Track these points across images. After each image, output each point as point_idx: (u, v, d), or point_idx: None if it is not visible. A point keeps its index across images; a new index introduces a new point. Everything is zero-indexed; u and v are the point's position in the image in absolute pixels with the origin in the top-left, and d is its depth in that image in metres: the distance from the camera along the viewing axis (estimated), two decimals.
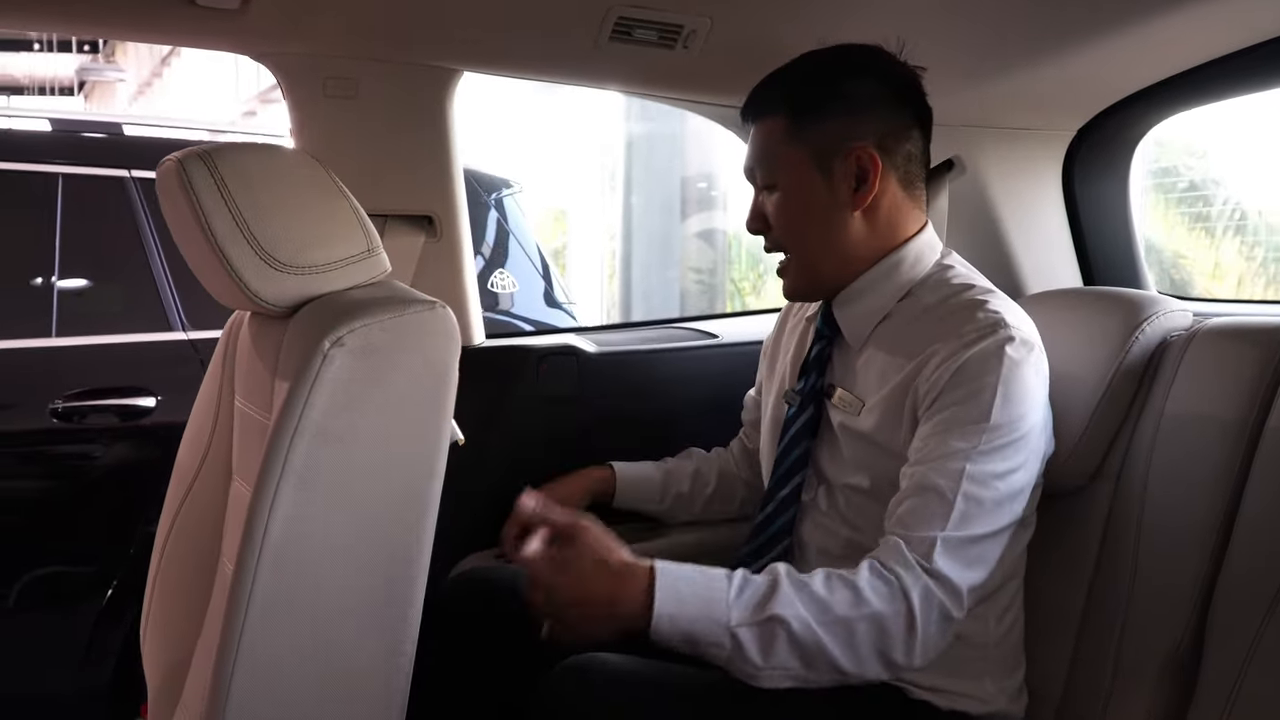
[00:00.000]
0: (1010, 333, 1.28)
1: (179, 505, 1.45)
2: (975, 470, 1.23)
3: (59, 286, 2.56)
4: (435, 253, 1.76)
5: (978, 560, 1.24)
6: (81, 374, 2.47)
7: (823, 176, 1.37)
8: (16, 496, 2.44)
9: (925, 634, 1.20)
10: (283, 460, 1.07)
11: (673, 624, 1.17)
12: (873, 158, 1.37)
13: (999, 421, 1.25)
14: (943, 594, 1.21)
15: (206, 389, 1.46)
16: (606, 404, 1.70)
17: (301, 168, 1.23)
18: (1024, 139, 1.91)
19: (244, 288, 1.16)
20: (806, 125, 1.37)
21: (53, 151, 2.71)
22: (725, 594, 1.18)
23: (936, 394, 1.28)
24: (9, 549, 2.39)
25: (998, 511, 1.25)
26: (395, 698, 1.15)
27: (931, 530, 1.22)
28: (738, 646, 1.18)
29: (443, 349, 1.14)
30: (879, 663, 1.21)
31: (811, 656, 1.19)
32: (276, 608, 1.07)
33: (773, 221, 1.41)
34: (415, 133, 1.73)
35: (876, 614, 1.19)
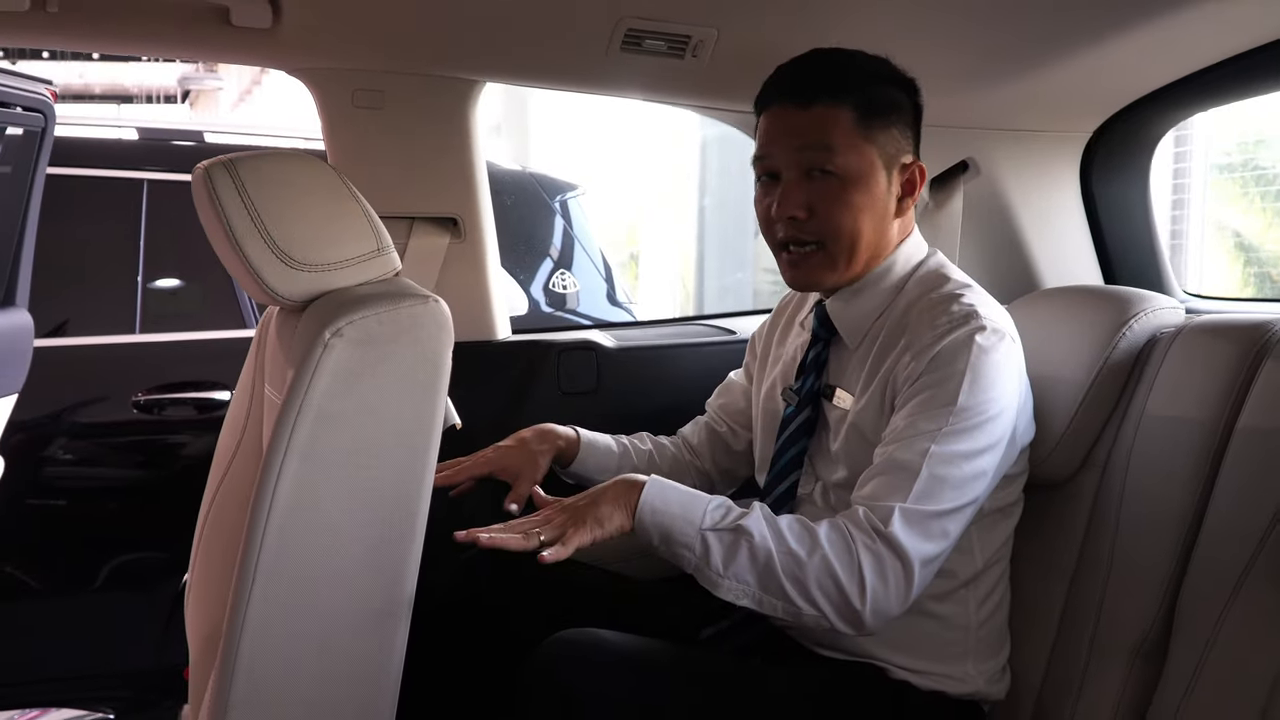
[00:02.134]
0: (981, 323, 1.33)
1: (218, 485, 1.57)
2: (940, 450, 1.29)
3: (143, 286, 2.74)
4: (460, 253, 1.87)
5: (936, 534, 1.29)
6: (162, 369, 2.62)
7: (886, 179, 1.41)
8: (102, 485, 2.60)
9: (875, 597, 1.26)
10: (287, 439, 1.17)
11: (653, 516, 1.28)
12: (922, 171, 1.44)
13: (966, 405, 1.30)
14: (894, 564, 1.26)
15: (243, 379, 1.58)
16: (624, 398, 1.78)
17: (317, 173, 1.33)
18: (1039, 140, 1.94)
19: (262, 283, 1.26)
20: (874, 125, 1.39)
21: (139, 158, 2.88)
22: (703, 504, 1.29)
23: (911, 382, 1.34)
24: (96, 534, 2.56)
25: (959, 490, 1.29)
26: (392, 656, 1.24)
27: (892, 501, 1.28)
28: (706, 550, 1.26)
29: (436, 340, 1.23)
30: (829, 607, 1.26)
31: (765, 578, 1.26)
32: (281, 573, 1.17)
33: (821, 211, 1.39)
34: (440, 140, 1.83)
35: (827, 560, 1.25)
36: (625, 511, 1.29)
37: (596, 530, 1.28)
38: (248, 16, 1.52)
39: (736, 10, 1.63)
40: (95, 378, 2.62)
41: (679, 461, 1.72)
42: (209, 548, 1.58)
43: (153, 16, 1.56)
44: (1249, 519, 1.26)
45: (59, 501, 2.56)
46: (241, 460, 1.54)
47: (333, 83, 1.77)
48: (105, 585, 2.56)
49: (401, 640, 1.24)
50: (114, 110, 10.27)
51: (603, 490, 1.31)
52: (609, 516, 1.29)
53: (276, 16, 1.55)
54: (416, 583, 1.24)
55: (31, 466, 2.47)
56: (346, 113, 1.78)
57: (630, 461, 1.67)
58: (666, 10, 1.61)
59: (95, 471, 2.61)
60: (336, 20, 1.63)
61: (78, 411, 2.56)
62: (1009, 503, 1.46)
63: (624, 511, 1.29)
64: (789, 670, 1.42)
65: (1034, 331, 1.57)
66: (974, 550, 1.42)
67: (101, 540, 2.58)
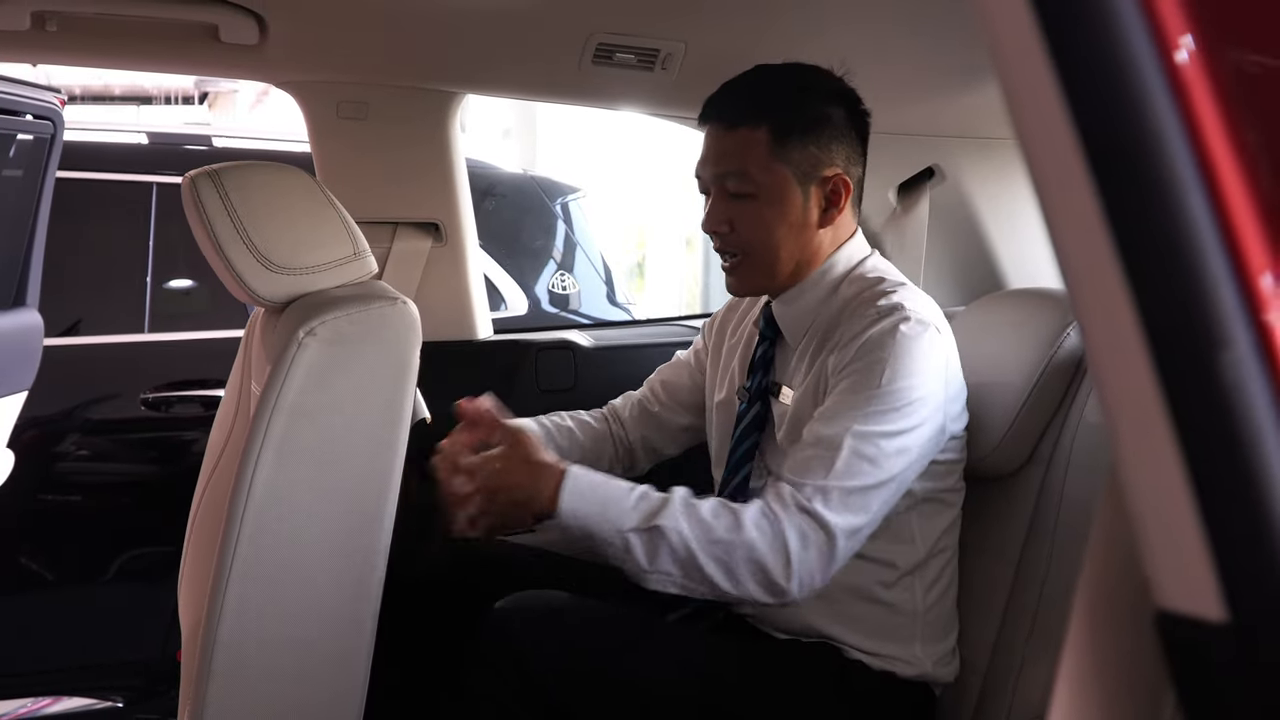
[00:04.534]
0: (906, 314, 1.40)
1: (208, 478, 1.66)
2: (861, 429, 1.36)
3: (152, 287, 2.81)
4: (442, 256, 1.95)
5: (857, 508, 1.35)
6: (170, 367, 2.69)
7: (802, 195, 1.49)
8: (112, 480, 2.66)
9: (801, 568, 1.32)
10: (263, 433, 1.25)
11: (575, 519, 1.33)
12: (845, 183, 1.50)
13: (889, 389, 1.37)
14: (817, 536, 1.33)
15: (233, 376, 1.67)
16: (601, 395, 1.84)
17: (297, 183, 1.42)
18: (1004, 147, 2.00)
19: (244, 285, 1.35)
20: (790, 145, 1.46)
21: (149, 163, 2.96)
22: (625, 502, 1.33)
23: (839, 370, 1.41)
24: (106, 528, 2.62)
25: (879, 466, 1.36)
26: (363, 637, 1.32)
27: (815, 479, 1.34)
28: (627, 548, 1.32)
29: (404, 339, 1.31)
30: (756, 588, 1.33)
31: (689, 570, 1.32)
32: (257, 559, 1.26)
33: (739, 227, 1.49)
34: (421, 149, 1.92)
35: (752, 543, 1.31)
36: (544, 506, 1.33)
37: (509, 524, 1.35)
38: (236, 34, 1.61)
39: (703, 24, 1.70)
40: (105, 376, 2.67)
41: (600, 436, 1.78)
42: (199, 539, 1.66)
43: (146, 35, 1.65)
44: None
45: (70, 496, 2.62)
46: (230, 455, 1.63)
47: (318, 95, 1.86)
48: (115, 577, 2.62)
49: (371, 621, 1.32)
50: (133, 111, 10.38)
51: (524, 483, 1.34)
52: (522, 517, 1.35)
53: (263, 33, 1.63)
54: (385, 568, 1.32)
55: (43, 462, 2.54)
56: (332, 123, 1.86)
57: (554, 441, 1.72)
58: (635, 25, 1.69)
59: (105, 467, 2.67)
60: (320, 37, 1.72)
61: (88, 409, 2.62)
62: (944, 488, 1.52)
63: (541, 506, 1.33)
64: (744, 642, 1.50)
65: (983, 332, 1.64)
66: (915, 539, 1.49)
67: (111, 534, 2.63)
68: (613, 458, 1.78)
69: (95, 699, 2.59)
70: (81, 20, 1.58)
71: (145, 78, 10.02)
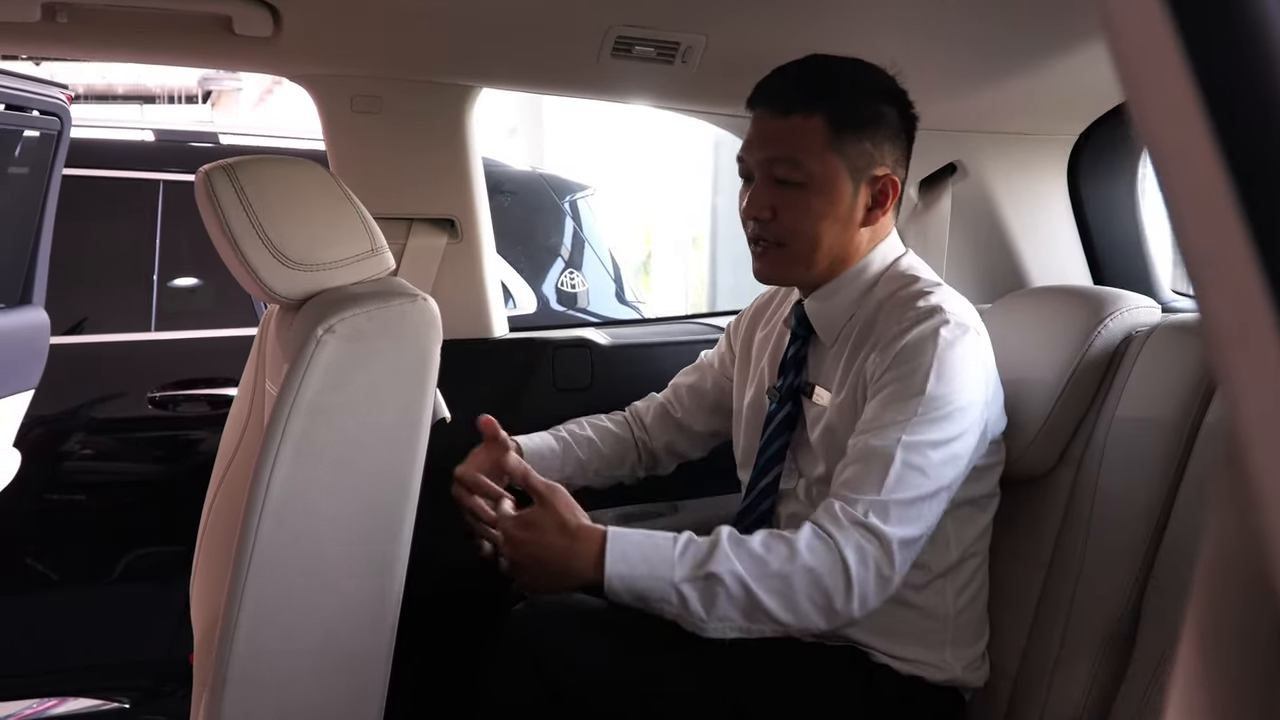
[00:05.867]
0: (945, 317, 1.38)
1: (221, 478, 1.63)
2: (910, 439, 1.33)
3: (159, 285, 2.79)
4: (457, 253, 1.92)
5: (912, 519, 1.33)
6: (177, 366, 2.67)
7: (852, 190, 1.46)
8: (119, 480, 2.65)
9: (862, 588, 1.30)
10: (281, 432, 1.22)
11: (623, 583, 1.30)
12: (894, 184, 1.47)
13: (934, 395, 1.34)
14: (875, 549, 1.30)
15: (246, 375, 1.64)
16: (617, 394, 1.82)
17: (313, 177, 1.39)
18: (1026, 143, 1.98)
19: (260, 282, 1.32)
20: (846, 138, 1.43)
21: (155, 160, 2.94)
22: (670, 554, 1.30)
23: (879, 375, 1.38)
24: (113, 528, 2.60)
25: (932, 476, 1.34)
26: (383, 642, 1.29)
27: (868, 494, 1.32)
28: (683, 602, 1.29)
29: (424, 336, 1.28)
30: (818, 615, 1.31)
31: (750, 610, 1.30)
32: (275, 561, 1.23)
33: (782, 215, 1.46)
34: (437, 144, 1.89)
35: (811, 569, 1.29)
36: (590, 574, 1.31)
37: (552, 590, 1.34)
38: (249, 25, 1.58)
39: (724, 17, 1.68)
40: (112, 374, 2.66)
41: (621, 442, 1.76)
42: (212, 540, 1.63)
43: (159, 27, 1.62)
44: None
45: (76, 495, 2.61)
46: (244, 454, 1.60)
47: (332, 89, 1.83)
48: (122, 577, 2.60)
49: (392, 623, 1.29)
50: (137, 110, 10.36)
51: (563, 554, 1.33)
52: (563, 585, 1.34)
53: (277, 25, 1.60)
54: (405, 570, 1.29)
55: (49, 461, 2.52)
56: (346, 117, 1.83)
57: (573, 454, 1.70)
58: (655, 17, 1.66)
59: (112, 466, 2.66)
60: (335, 29, 1.69)
61: (95, 407, 2.60)
62: (983, 494, 1.49)
63: (589, 573, 1.31)
64: (767, 645, 1.47)
65: (1013, 330, 1.61)
66: (949, 543, 1.46)
67: (119, 533, 2.61)
68: (635, 463, 1.77)
69: (102, 700, 2.58)
70: (92, 12, 1.55)
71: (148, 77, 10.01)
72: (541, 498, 1.37)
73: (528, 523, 1.35)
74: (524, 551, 1.33)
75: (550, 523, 1.34)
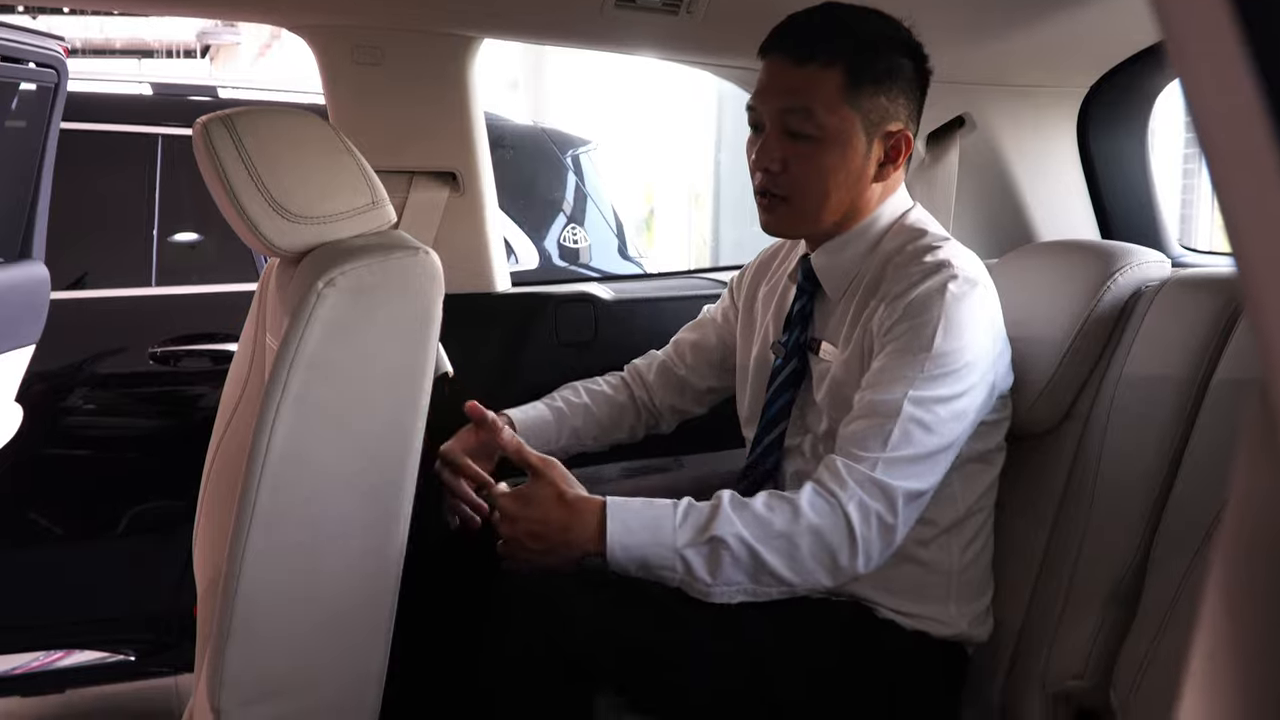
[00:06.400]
0: (954, 272, 1.36)
1: (222, 433, 1.62)
2: (917, 394, 1.32)
3: (158, 240, 2.78)
4: (459, 206, 1.90)
5: (918, 474, 1.32)
6: (177, 321, 2.67)
7: (865, 145, 1.43)
8: (121, 435, 2.65)
9: (866, 544, 1.30)
10: (281, 387, 1.21)
11: (626, 553, 1.29)
12: (908, 140, 1.45)
13: (941, 351, 1.33)
14: (879, 505, 1.30)
15: (246, 329, 1.63)
16: (621, 349, 1.81)
17: (313, 129, 1.37)
18: (1036, 96, 1.95)
19: (259, 234, 1.30)
20: (863, 91, 1.40)
21: (154, 114, 2.91)
22: (671, 520, 1.29)
23: (886, 330, 1.37)
24: (116, 483, 2.61)
25: (938, 433, 1.33)
26: (385, 600, 1.29)
27: (873, 451, 1.31)
28: (688, 567, 1.29)
29: (426, 290, 1.27)
30: (823, 573, 1.31)
31: (756, 571, 1.29)
32: (276, 515, 1.22)
33: (793, 168, 1.42)
34: (438, 95, 1.86)
35: (815, 528, 1.28)
36: (591, 545, 1.31)
37: (550, 564, 1.33)
38: None
39: None
40: (113, 330, 2.65)
41: (618, 406, 1.74)
42: (214, 494, 1.63)
43: None
44: (1220, 470, 1.28)
45: (79, 451, 2.61)
46: (245, 409, 1.59)
47: (333, 39, 1.80)
48: (126, 532, 2.61)
49: (394, 581, 1.29)
50: (134, 64, 10.29)
51: (562, 527, 1.32)
52: (563, 559, 1.33)
53: None
54: (408, 526, 1.29)
55: (51, 417, 2.52)
56: (346, 69, 1.80)
57: (569, 423, 1.69)
58: None
59: (114, 421, 2.66)
60: None
61: (96, 363, 2.60)
62: (989, 449, 1.49)
63: (590, 544, 1.31)
64: (773, 601, 1.46)
65: (1021, 285, 1.59)
66: (956, 498, 1.45)
67: (121, 488, 2.62)
68: (634, 424, 1.75)
69: (107, 652, 2.59)
70: None
71: (146, 31, 9.94)
72: (537, 472, 1.36)
73: (525, 498, 1.34)
74: (522, 528, 1.32)
75: (548, 497, 1.33)
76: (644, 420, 1.75)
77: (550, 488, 1.34)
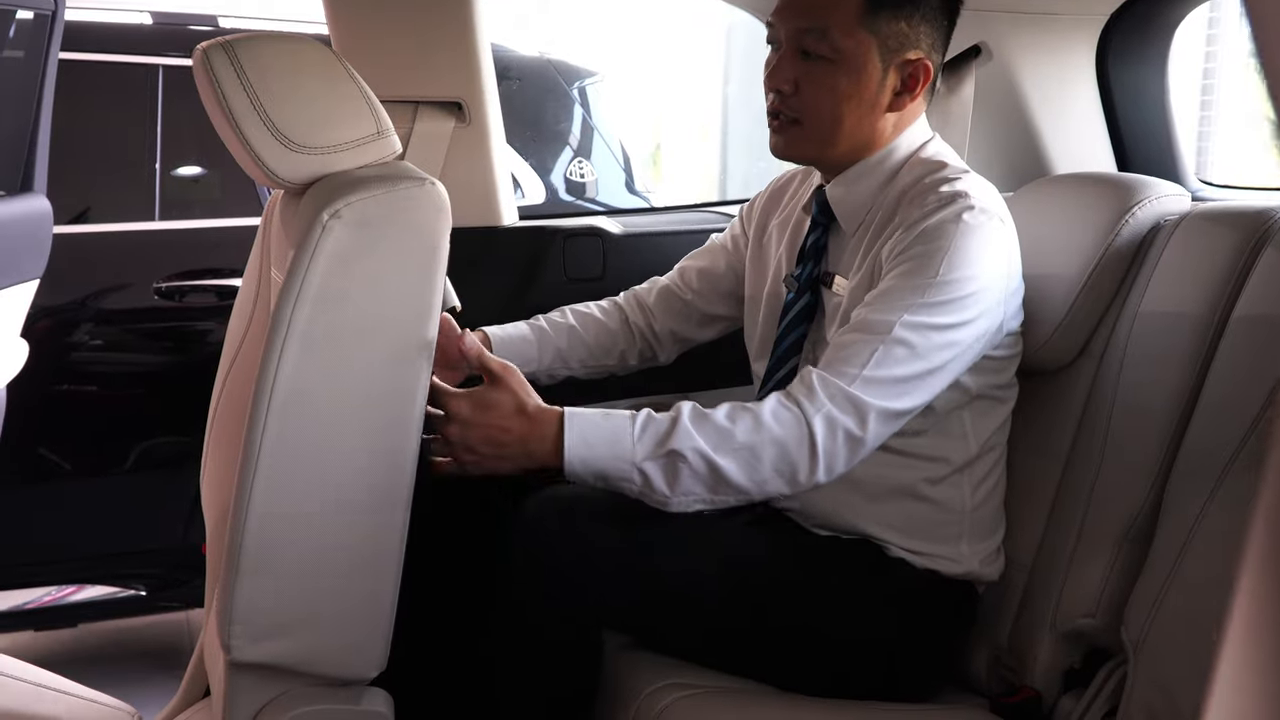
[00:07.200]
0: (970, 203, 1.33)
1: (228, 367, 1.60)
2: (912, 319, 1.29)
3: (161, 174, 2.74)
4: (465, 137, 1.86)
5: (897, 395, 1.30)
6: (181, 256, 2.65)
7: (881, 71, 1.40)
8: (128, 371, 2.65)
9: (829, 458, 1.28)
10: (288, 320, 1.19)
11: (584, 465, 1.27)
12: (927, 69, 1.41)
13: (945, 279, 1.30)
14: (848, 417, 1.27)
15: (250, 263, 1.60)
16: (630, 283, 1.77)
17: (316, 56, 1.33)
18: (1055, 24, 1.90)
19: (262, 165, 1.27)
20: (882, 15, 1.38)
21: (153, 44, 2.86)
22: (629, 434, 1.27)
23: (895, 255, 1.35)
24: (124, 418, 2.61)
25: (924, 358, 1.30)
26: (394, 534, 1.27)
27: (852, 367, 1.28)
28: (646, 480, 1.27)
29: (433, 222, 1.24)
30: (782, 483, 1.28)
31: (714, 484, 1.27)
32: (284, 450, 1.20)
33: (805, 89, 1.41)
34: (442, 21, 1.81)
35: (777, 440, 1.26)
36: (550, 458, 1.28)
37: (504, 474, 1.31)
38: None
39: None
40: (117, 265, 2.64)
41: (608, 331, 1.70)
42: (221, 430, 1.62)
43: None
44: (1238, 408, 1.27)
45: (85, 386, 2.61)
46: (251, 342, 1.57)
47: None
48: (134, 467, 2.62)
49: (403, 515, 1.27)
50: None
51: (518, 438, 1.29)
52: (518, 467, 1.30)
53: None
54: (416, 461, 1.27)
55: (57, 352, 2.52)
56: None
57: (551, 343, 1.65)
58: None
59: (120, 357, 2.65)
60: None
61: (101, 298, 2.59)
62: (1001, 385, 1.47)
63: (548, 457, 1.28)
64: (783, 539, 1.46)
65: (1037, 218, 1.56)
66: (968, 436, 1.44)
67: (128, 423, 2.63)
68: (626, 350, 1.71)
69: (118, 587, 2.61)
70: None
71: None
72: (495, 377, 1.32)
73: (482, 404, 1.30)
74: (477, 433, 1.29)
75: (506, 403, 1.30)
76: (638, 347, 1.71)
77: (509, 394, 1.30)
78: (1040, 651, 1.44)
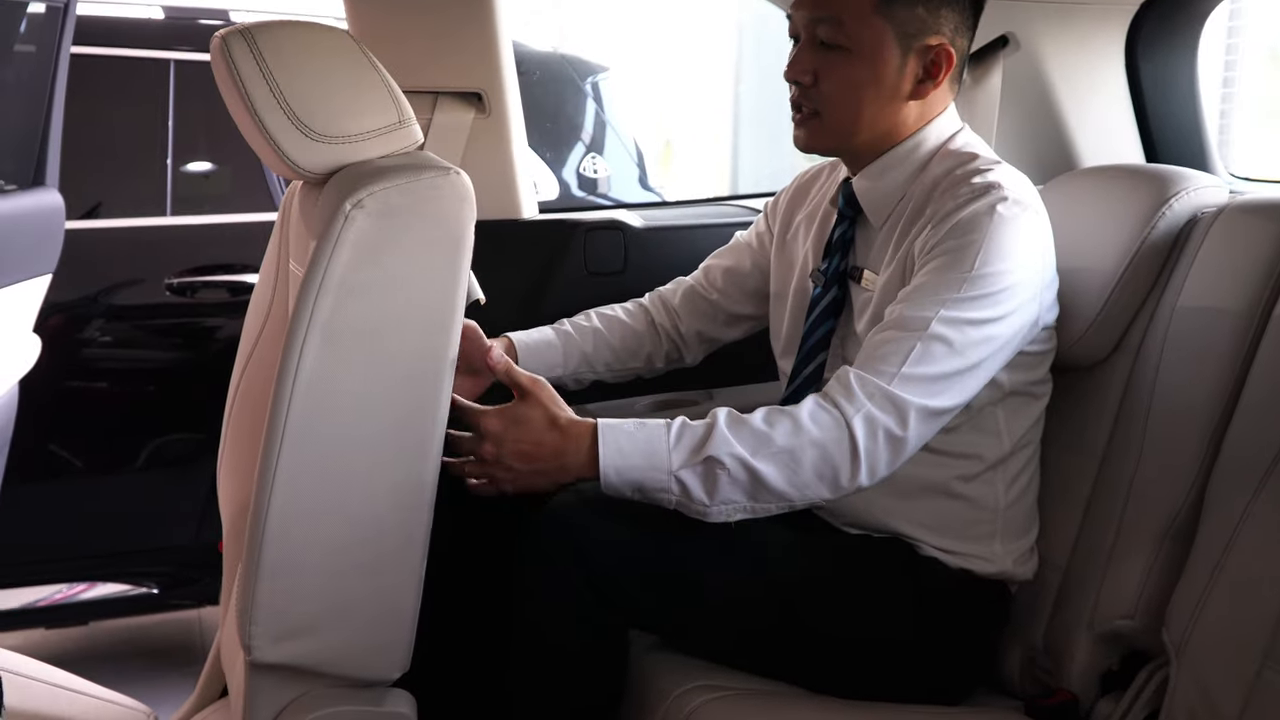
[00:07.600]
0: (1004, 194, 1.30)
1: (246, 361, 1.58)
2: (949, 314, 1.26)
3: (173, 169, 2.72)
4: (485, 128, 1.83)
5: (938, 393, 1.27)
6: (193, 252, 2.63)
7: (899, 59, 1.38)
8: (140, 367, 2.63)
9: (870, 459, 1.25)
10: (310, 312, 1.16)
11: (620, 476, 1.25)
12: (948, 55, 1.38)
13: (982, 272, 1.27)
14: (888, 417, 1.25)
15: (268, 255, 1.58)
16: (651, 277, 1.75)
17: (337, 44, 1.30)
18: (1084, 13, 1.87)
19: (282, 155, 1.24)
20: (897, 2, 1.35)
21: (165, 38, 2.84)
22: (665, 442, 1.25)
23: (929, 249, 1.32)
24: (135, 415, 2.59)
25: (962, 354, 1.27)
26: (418, 530, 1.24)
27: (890, 365, 1.26)
28: (684, 489, 1.25)
29: (457, 212, 1.21)
30: (824, 488, 1.26)
31: (754, 490, 1.25)
32: (306, 446, 1.17)
33: (823, 80, 1.39)
34: (463, 12, 1.78)
35: (817, 443, 1.24)
36: (585, 469, 1.26)
37: (540, 490, 1.29)
38: None
39: None
40: (129, 260, 2.62)
41: (634, 333, 1.68)
42: (238, 427, 1.59)
43: None
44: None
45: (97, 383, 2.59)
46: (268, 336, 1.55)
47: None
48: (146, 464, 2.60)
49: (427, 512, 1.25)
50: None
51: (552, 451, 1.27)
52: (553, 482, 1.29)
53: None
54: (440, 456, 1.24)
55: (69, 348, 2.50)
56: None
57: (576, 348, 1.63)
58: None
59: (132, 353, 2.63)
60: None
61: (113, 294, 2.57)
62: (1035, 381, 1.44)
63: (584, 469, 1.27)
64: (813, 538, 1.43)
65: (1070, 211, 1.53)
66: (1001, 433, 1.41)
67: (140, 420, 2.61)
68: (653, 352, 1.69)
69: (130, 585, 2.59)
70: None
71: None
72: (525, 392, 1.30)
73: (513, 419, 1.28)
74: (510, 449, 1.27)
75: (538, 418, 1.28)
76: (664, 349, 1.69)
77: (540, 409, 1.28)
78: (1077, 653, 1.41)
